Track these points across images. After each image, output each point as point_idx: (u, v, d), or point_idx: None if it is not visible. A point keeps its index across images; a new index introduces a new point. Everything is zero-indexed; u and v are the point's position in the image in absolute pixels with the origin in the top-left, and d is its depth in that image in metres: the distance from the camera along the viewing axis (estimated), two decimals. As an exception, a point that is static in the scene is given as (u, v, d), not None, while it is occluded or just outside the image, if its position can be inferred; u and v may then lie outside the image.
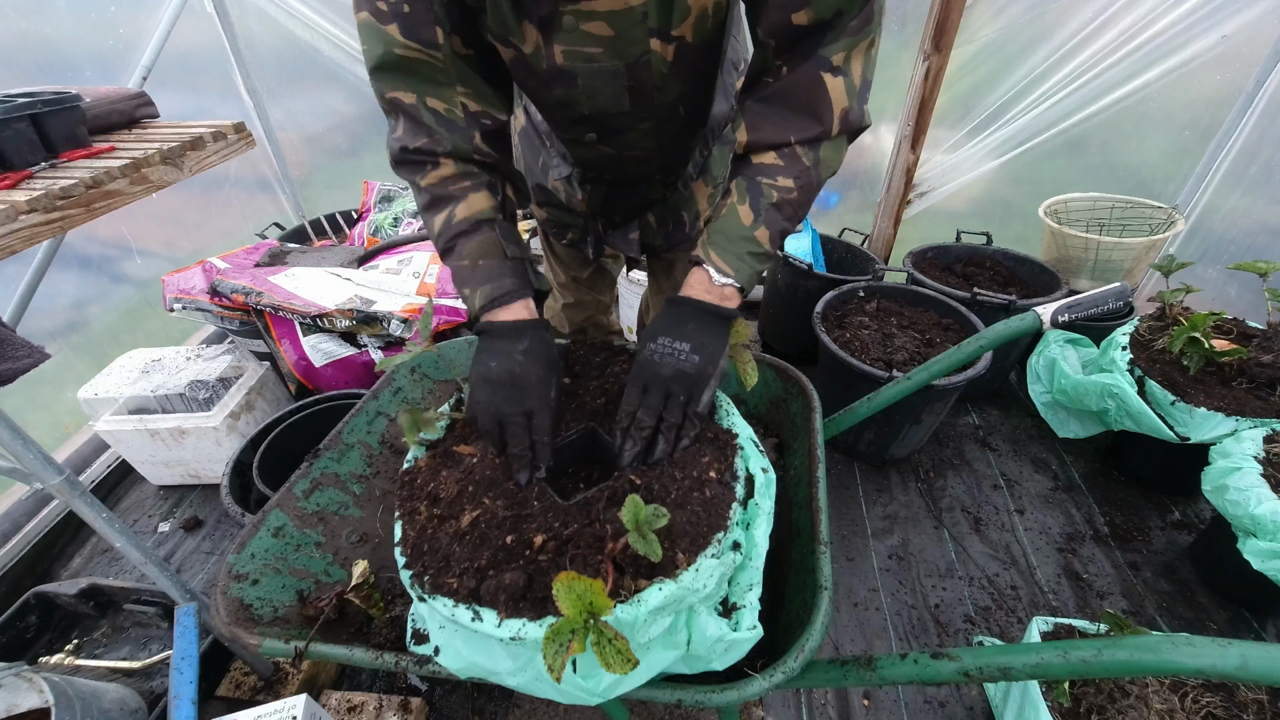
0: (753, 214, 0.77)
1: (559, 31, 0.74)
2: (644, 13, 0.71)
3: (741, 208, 0.78)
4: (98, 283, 2.15)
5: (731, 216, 0.78)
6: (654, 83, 0.80)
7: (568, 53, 0.76)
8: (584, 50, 0.75)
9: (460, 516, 0.71)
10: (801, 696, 1.37)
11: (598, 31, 0.73)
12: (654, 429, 0.75)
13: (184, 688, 1.12)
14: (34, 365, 0.90)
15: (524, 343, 0.78)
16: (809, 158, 0.76)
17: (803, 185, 0.77)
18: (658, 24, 0.73)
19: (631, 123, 0.88)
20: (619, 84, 0.80)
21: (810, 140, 0.75)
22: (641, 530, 0.61)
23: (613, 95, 0.82)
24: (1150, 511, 1.81)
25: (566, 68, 0.78)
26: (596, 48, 0.75)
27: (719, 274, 0.78)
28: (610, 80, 0.79)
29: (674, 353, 0.76)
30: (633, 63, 0.77)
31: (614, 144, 0.93)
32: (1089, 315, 0.90)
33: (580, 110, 0.85)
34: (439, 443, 0.85)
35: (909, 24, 2.13)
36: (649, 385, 0.76)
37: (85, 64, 2.08)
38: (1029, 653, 0.59)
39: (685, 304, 0.79)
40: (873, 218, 2.57)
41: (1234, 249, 2.17)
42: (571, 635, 0.52)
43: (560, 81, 0.80)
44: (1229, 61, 1.98)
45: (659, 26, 0.73)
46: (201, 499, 1.95)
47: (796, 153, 0.76)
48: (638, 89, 0.81)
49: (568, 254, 1.34)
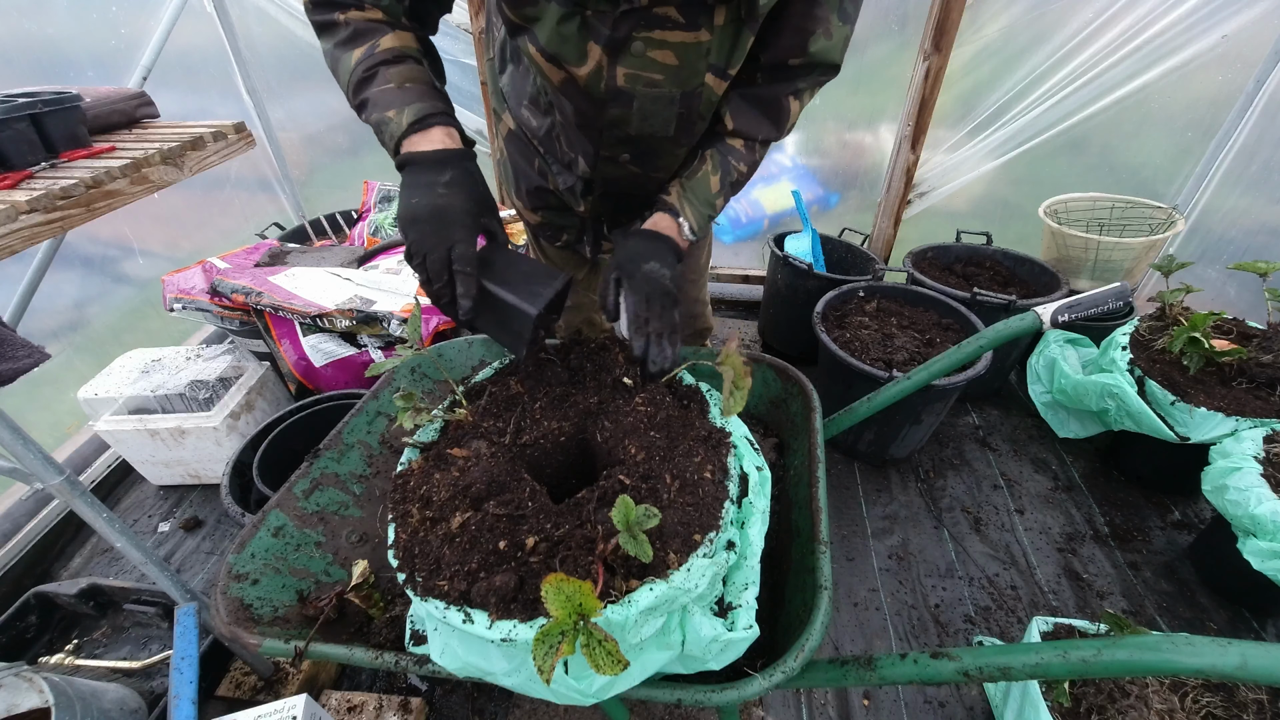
0: (719, 185, 0.94)
1: (627, 55, 0.79)
2: (709, 49, 0.79)
3: (714, 177, 0.93)
4: (98, 282, 2.15)
5: (705, 181, 0.93)
6: (699, 112, 0.88)
7: (630, 76, 0.81)
8: (647, 75, 0.81)
9: (452, 519, 0.71)
10: (801, 696, 1.37)
11: (663, 59, 0.79)
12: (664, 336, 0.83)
13: (184, 688, 1.12)
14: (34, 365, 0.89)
15: (447, 174, 0.77)
16: (760, 153, 0.96)
17: (749, 172, 0.97)
18: (718, 61, 0.81)
19: (671, 147, 0.94)
20: (672, 111, 0.87)
21: (766, 141, 0.94)
22: (632, 531, 0.61)
23: (663, 120, 0.88)
24: (1150, 511, 1.81)
25: (626, 89, 0.83)
26: (659, 74, 0.81)
27: (689, 228, 0.93)
28: (665, 106, 0.86)
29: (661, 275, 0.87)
30: (688, 92, 0.84)
31: (645, 165, 0.98)
32: (1089, 315, 0.90)
33: (628, 131, 0.89)
34: (432, 445, 0.84)
35: (909, 24, 2.13)
36: (651, 298, 0.84)
37: (85, 64, 2.08)
38: (1029, 653, 0.59)
39: (664, 240, 0.91)
40: (873, 218, 2.57)
41: (1234, 249, 2.17)
42: (561, 637, 0.52)
43: (617, 102, 0.85)
44: (1229, 61, 1.98)
45: (718, 63, 0.81)
46: (201, 499, 1.95)
47: (755, 147, 0.94)
48: (686, 116, 0.88)
49: (561, 257, 1.33)
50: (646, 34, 0.76)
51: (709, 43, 0.78)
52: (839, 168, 2.53)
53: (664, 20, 0.75)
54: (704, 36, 0.77)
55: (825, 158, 2.52)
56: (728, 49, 0.80)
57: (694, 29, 0.76)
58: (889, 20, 2.14)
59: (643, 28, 0.76)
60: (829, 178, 2.58)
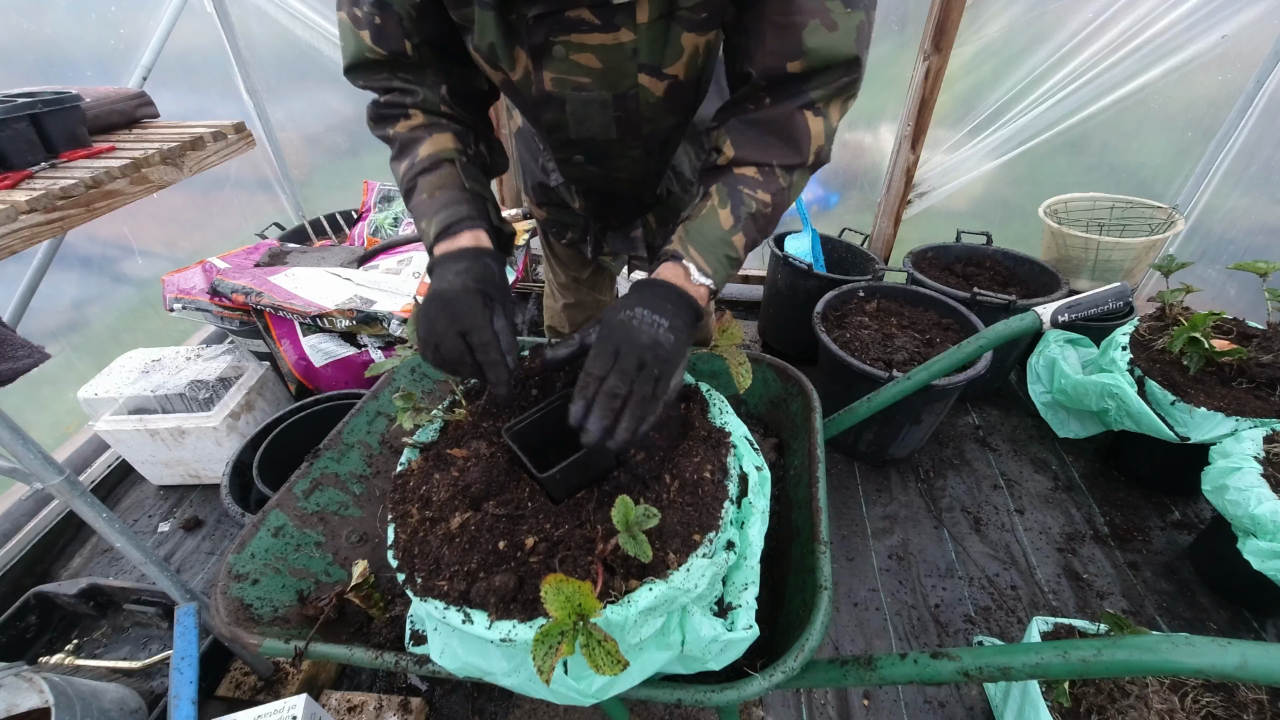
0: (733, 219, 0.77)
1: (549, 59, 0.76)
2: (634, 49, 0.73)
3: (722, 211, 0.77)
4: (98, 283, 2.15)
5: (711, 218, 0.78)
6: (643, 114, 0.82)
7: (557, 80, 0.78)
8: (573, 79, 0.77)
9: (451, 519, 0.71)
10: (801, 696, 1.37)
11: (586, 63, 0.75)
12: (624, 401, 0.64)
13: (184, 688, 1.12)
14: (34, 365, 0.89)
15: (462, 264, 0.74)
16: (785, 179, 0.78)
17: (777, 204, 0.79)
18: (648, 60, 0.75)
19: (620, 149, 0.90)
20: (607, 114, 0.82)
21: (790, 166, 0.78)
22: (632, 531, 0.61)
23: (601, 124, 0.84)
24: (1150, 511, 1.81)
25: (555, 94, 0.80)
26: (585, 77, 0.77)
27: (699, 273, 0.76)
28: (599, 109, 0.81)
29: (653, 324, 0.69)
30: (621, 94, 0.79)
31: (602, 166, 0.95)
32: (1089, 315, 0.90)
33: (569, 135, 0.87)
34: (431, 445, 0.84)
35: (909, 24, 2.13)
36: (622, 350, 0.66)
37: (85, 64, 2.08)
38: (1029, 653, 0.59)
39: (668, 287, 0.74)
40: (873, 218, 2.57)
41: (1234, 249, 2.17)
42: (560, 637, 0.52)
43: (549, 107, 0.82)
44: (1229, 61, 1.98)
45: (650, 63, 0.76)
46: (201, 499, 1.95)
47: (775, 173, 0.78)
48: (625, 119, 0.83)
49: (568, 254, 1.34)
50: (564, 38, 0.73)
51: (633, 43, 0.73)
52: (839, 168, 2.53)
53: (578, 23, 0.71)
54: (625, 37, 0.72)
55: (825, 157, 2.52)
56: (659, 48, 0.74)
57: (612, 30, 0.71)
58: (889, 20, 2.14)
59: (559, 31, 0.72)
60: (829, 178, 2.58)
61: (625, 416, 0.64)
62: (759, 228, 0.79)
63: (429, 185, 0.80)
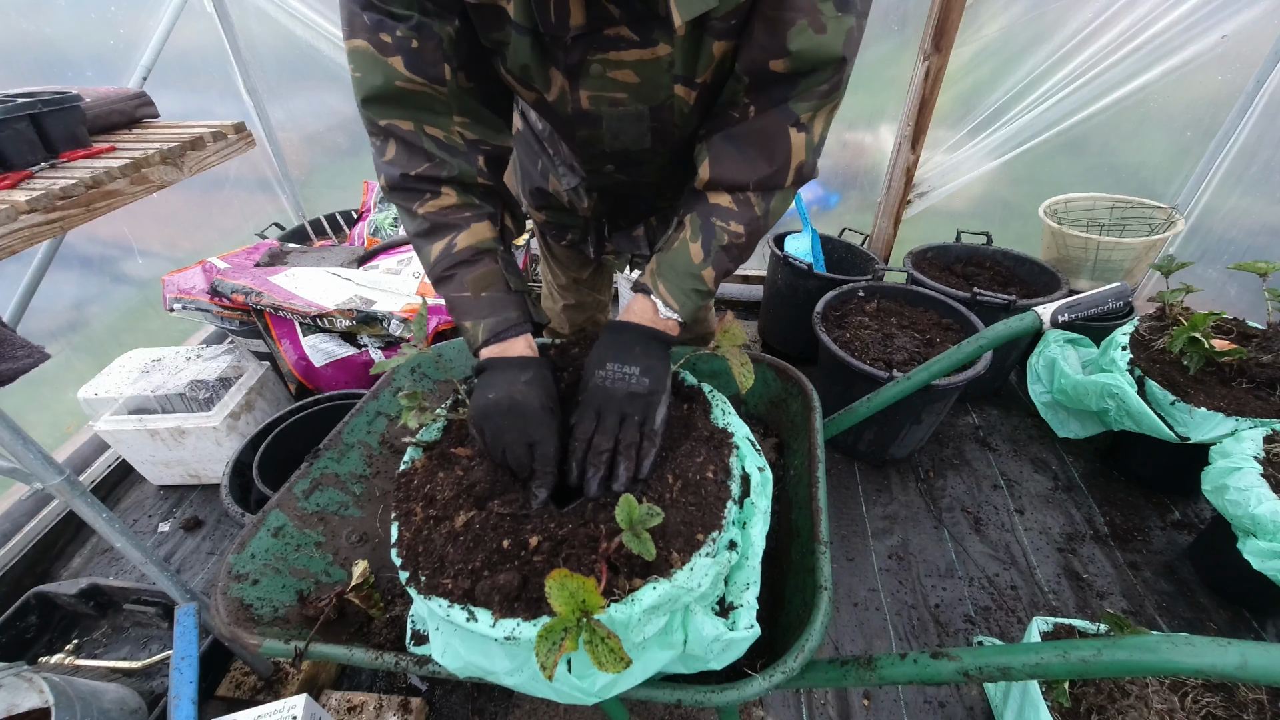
0: (703, 253, 0.80)
1: (586, 78, 0.76)
2: (670, 61, 0.73)
3: (694, 245, 0.80)
4: (98, 283, 2.15)
5: (682, 251, 0.81)
6: (675, 122, 0.83)
7: (593, 98, 0.78)
8: (609, 95, 0.78)
9: (455, 518, 0.71)
10: (801, 696, 1.37)
11: (624, 79, 0.75)
12: (612, 452, 0.73)
13: (184, 688, 1.12)
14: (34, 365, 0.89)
15: (527, 374, 0.78)
16: (760, 206, 0.80)
17: (751, 231, 0.81)
18: (683, 72, 0.75)
19: (651, 157, 0.90)
20: (643, 126, 0.82)
21: (766, 188, 0.79)
22: (636, 530, 0.61)
23: (636, 135, 0.84)
24: (1150, 511, 1.81)
25: (592, 111, 0.80)
26: (622, 93, 0.77)
27: (665, 307, 0.81)
28: (635, 123, 0.81)
29: (625, 377, 0.76)
30: (657, 106, 0.79)
31: (631, 173, 0.96)
32: (1089, 315, 0.90)
33: (603, 148, 0.87)
34: (435, 444, 0.84)
35: (909, 24, 2.13)
36: (603, 410, 0.75)
37: (85, 64, 2.08)
38: (1029, 653, 0.59)
39: (629, 329, 0.81)
40: (873, 218, 2.57)
41: (1234, 249, 2.17)
42: (564, 634, 0.52)
43: (585, 124, 0.82)
44: (1229, 61, 1.98)
45: (684, 74, 0.75)
46: (201, 499, 1.95)
47: (750, 200, 0.79)
48: (660, 129, 0.83)
49: (567, 255, 1.34)
50: (602, 56, 0.73)
51: (669, 56, 0.73)
52: (839, 168, 2.53)
53: (617, 41, 0.71)
54: (662, 51, 0.72)
55: (825, 158, 2.49)
56: (693, 58, 0.74)
57: (650, 45, 0.71)
58: (889, 20, 2.14)
59: (596, 50, 0.72)
60: (829, 178, 2.58)
61: (620, 464, 0.72)
62: (732, 258, 0.82)
63: (473, 283, 0.82)
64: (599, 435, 0.74)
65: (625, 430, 0.74)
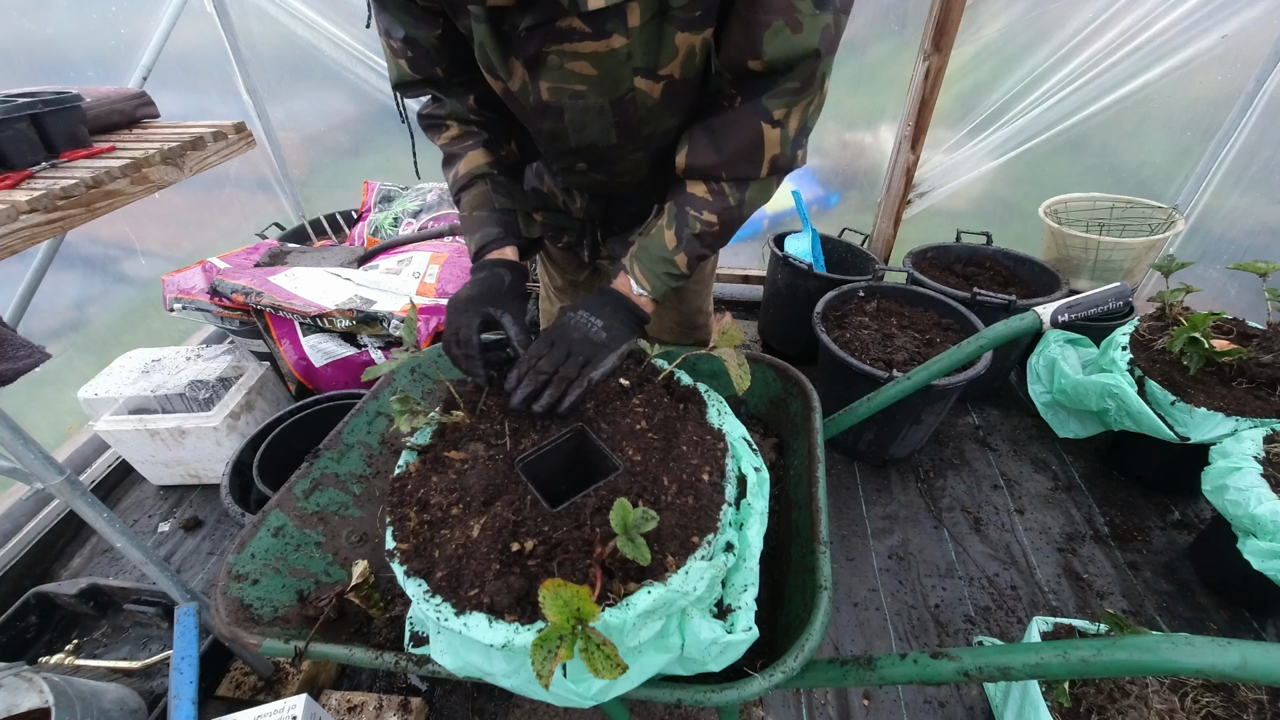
0: (676, 240, 0.87)
1: (544, 69, 0.77)
2: (628, 53, 0.73)
3: (668, 232, 0.88)
4: (98, 282, 2.15)
5: (658, 238, 0.89)
6: (640, 117, 0.83)
7: (554, 89, 0.79)
8: (569, 87, 0.79)
9: (449, 522, 0.71)
10: (801, 696, 1.37)
11: (582, 71, 0.76)
12: (549, 378, 0.81)
13: (184, 688, 1.12)
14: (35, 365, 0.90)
15: (480, 274, 0.90)
16: (734, 197, 0.85)
17: (725, 221, 0.87)
18: (643, 64, 0.75)
19: (621, 154, 0.90)
20: (606, 119, 0.83)
21: (739, 178, 0.83)
22: (630, 534, 0.61)
23: (600, 130, 0.85)
24: (1150, 511, 1.81)
25: (553, 103, 0.81)
26: (581, 85, 0.78)
27: (638, 286, 0.90)
28: (596, 116, 0.82)
29: (588, 324, 0.86)
30: (618, 99, 0.80)
31: (605, 172, 0.96)
32: (1089, 315, 0.90)
33: (569, 143, 0.88)
34: (429, 448, 0.84)
35: (909, 24, 2.13)
36: (556, 342, 0.84)
37: (85, 64, 2.08)
38: (1029, 653, 0.58)
39: (609, 294, 0.91)
40: (873, 218, 2.57)
41: (1234, 249, 2.17)
42: (559, 642, 0.52)
43: (548, 116, 0.84)
44: (1229, 61, 1.98)
45: (645, 66, 0.76)
46: (201, 499, 1.95)
47: (724, 190, 0.84)
48: (624, 124, 0.84)
49: (564, 257, 1.33)
50: (557, 47, 0.73)
51: (626, 48, 0.72)
52: (839, 168, 2.53)
53: (570, 33, 0.71)
54: (618, 42, 0.71)
55: (825, 158, 2.52)
56: (653, 50, 0.74)
57: (604, 37, 0.71)
58: (889, 20, 2.14)
59: (552, 41, 0.73)
60: (829, 177, 2.58)
61: (548, 390, 0.80)
62: (706, 244, 0.88)
63: (468, 204, 0.96)
64: (544, 360, 0.82)
65: (567, 365, 0.82)
